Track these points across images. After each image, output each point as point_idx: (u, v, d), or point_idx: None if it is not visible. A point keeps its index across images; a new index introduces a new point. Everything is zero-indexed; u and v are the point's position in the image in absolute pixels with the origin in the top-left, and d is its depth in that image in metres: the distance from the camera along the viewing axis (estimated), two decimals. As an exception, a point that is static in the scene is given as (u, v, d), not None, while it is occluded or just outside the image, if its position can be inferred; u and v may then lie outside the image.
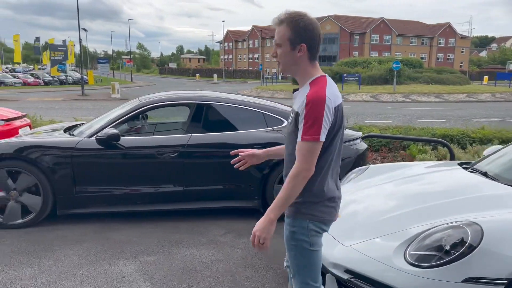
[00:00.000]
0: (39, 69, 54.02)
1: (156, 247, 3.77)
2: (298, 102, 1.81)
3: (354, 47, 67.61)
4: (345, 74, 30.84)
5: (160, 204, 4.37)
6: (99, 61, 37.77)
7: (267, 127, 4.55)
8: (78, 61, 55.11)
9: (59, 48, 35.69)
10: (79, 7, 26.19)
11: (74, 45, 43.23)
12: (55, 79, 37.96)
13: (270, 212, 1.77)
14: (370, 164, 5.05)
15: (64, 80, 38.43)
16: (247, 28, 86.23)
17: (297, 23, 1.78)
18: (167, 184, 4.33)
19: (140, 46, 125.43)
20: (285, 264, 2.07)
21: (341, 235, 2.52)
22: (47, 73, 41.01)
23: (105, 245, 3.77)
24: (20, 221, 4.15)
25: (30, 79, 37.05)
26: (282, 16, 1.81)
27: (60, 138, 4.35)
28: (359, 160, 4.70)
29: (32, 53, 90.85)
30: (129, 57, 74.77)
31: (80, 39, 29.72)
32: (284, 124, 4.59)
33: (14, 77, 36.88)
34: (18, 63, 58.78)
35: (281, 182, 4.47)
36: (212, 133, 4.44)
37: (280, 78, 51.06)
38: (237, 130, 4.49)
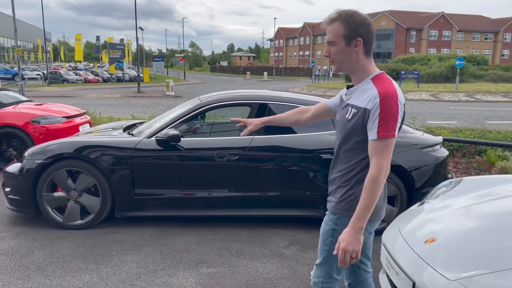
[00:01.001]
0: (99, 67, 56.67)
1: (216, 257, 3.52)
2: (362, 98, 1.77)
3: (410, 44, 64.72)
4: (403, 72, 29.39)
5: (219, 210, 4.13)
6: (154, 59, 38.75)
7: (334, 130, 4.15)
8: (134, 59, 57.21)
9: (117, 46, 37.12)
10: (136, 7, 26.94)
11: (131, 43, 44.83)
12: (113, 76, 39.52)
13: (356, 222, 1.70)
14: (451, 173, 4.51)
15: (121, 78, 39.89)
16: (298, 25, 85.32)
17: (351, 19, 1.76)
18: (227, 188, 4.07)
19: (192, 45, 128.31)
20: (347, 282, 2.06)
21: (441, 264, 2.08)
22: (105, 70, 42.84)
23: (163, 253, 3.58)
24: (79, 222, 4.07)
25: (90, 77, 38.81)
26: (334, 15, 1.80)
27: (120, 138, 4.22)
28: (439, 169, 4.18)
29: (92, 52, 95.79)
30: (182, 55, 76.59)
31: (137, 37, 30.63)
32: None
33: (76, 74, 38.81)
34: (80, 61, 62.09)
35: (350, 190, 4.10)
36: (275, 135, 4.12)
37: (331, 75, 49.85)
38: (302, 132, 4.13)
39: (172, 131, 3.96)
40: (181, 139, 3.99)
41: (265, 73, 57.19)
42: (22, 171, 4.03)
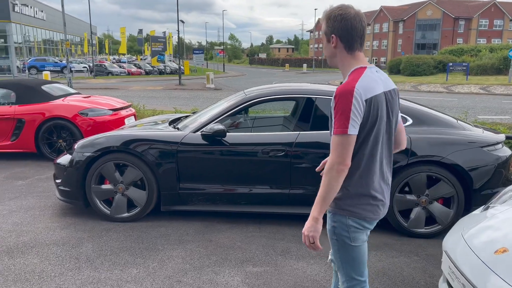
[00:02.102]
0: (141, 59, 58.16)
1: (262, 255, 3.44)
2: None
3: (458, 34, 61.68)
4: (450, 63, 28.05)
5: (264, 206, 4.04)
6: (194, 51, 39.21)
7: (387, 126, 3.94)
8: (175, 51, 58.22)
9: (159, 39, 37.81)
10: (178, 0, 27.28)
11: (172, 36, 45.57)
12: (154, 69, 40.39)
13: (313, 211, 1.75)
14: (514, 174, 4.18)
15: (163, 70, 40.71)
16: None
17: (328, 16, 1.80)
18: (272, 185, 3.97)
19: (232, 37, 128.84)
20: (329, 257, 2.02)
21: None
22: (147, 63, 43.85)
23: (209, 249, 3.54)
24: (125, 214, 4.12)
25: (133, 69, 39.89)
26: (324, 11, 1.85)
27: (166, 132, 4.22)
28: (501, 170, 3.87)
29: (135, 45, 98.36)
30: (221, 47, 77.08)
31: (178, 31, 31.05)
32: (408, 123, 3.95)
33: (120, 67, 40.01)
34: (123, 54, 63.94)
35: (402, 191, 3.89)
36: (322, 131, 3.97)
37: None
38: (352, 128, 3.95)
39: (218, 126, 3.90)
40: (226, 133, 3.92)
41: (305, 65, 56.46)
42: (72, 163, 4.12)
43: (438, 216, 3.82)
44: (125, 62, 49.95)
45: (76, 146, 4.22)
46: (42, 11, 45.87)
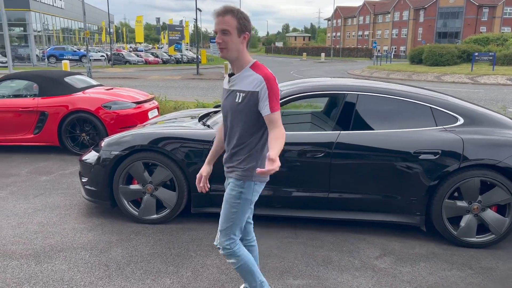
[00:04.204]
0: (158, 48, 58.07)
1: (302, 266, 3.20)
2: (247, 83, 2.10)
3: (481, 22, 59.74)
4: (476, 53, 27.11)
5: (301, 211, 3.79)
6: (211, 40, 38.83)
7: (436, 126, 3.63)
8: (191, 40, 57.92)
9: (176, 28, 37.56)
10: (196, -13, 26.89)
11: (189, 25, 45.22)
12: (171, 58, 40.25)
13: (275, 155, 1.92)
14: None
15: (180, 59, 40.53)
16: (358, 3, 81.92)
17: (241, 15, 2.06)
18: (310, 188, 3.72)
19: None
20: (217, 243, 2.32)
21: None
22: (164, 52, 43.73)
23: (244, 257, 3.32)
24: (154, 216, 3.93)
25: (151, 58, 39.80)
26: (228, 8, 2.07)
27: (197, 129, 3.98)
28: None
29: (151, 33, 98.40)
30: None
31: (196, 19, 30.75)
32: (459, 123, 3.63)
33: (137, 56, 39.97)
34: (140, 43, 63.96)
35: (452, 196, 3.59)
36: (365, 131, 3.68)
37: (391, 56, 47.33)
38: (396, 128, 3.66)
39: (253, 125, 3.64)
40: (262, 133, 3.67)
41: (323, 54, 55.56)
42: (98, 161, 3.94)
43: (492, 225, 3.52)
44: (142, 51, 49.91)
45: (103, 143, 4.04)
46: (60, 0, 46.02)
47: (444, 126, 3.63)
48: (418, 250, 3.48)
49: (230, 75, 2.19)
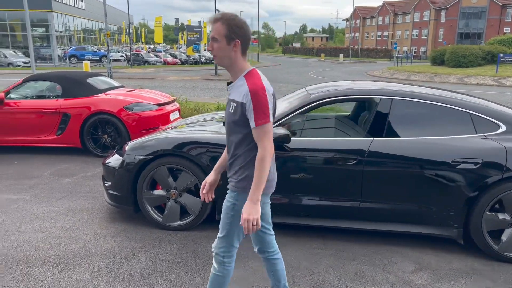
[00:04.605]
0: (177, 49, 58.46)
1: (333, 279, 3.04)
2: (238, 93, 2.04)
3: (505, 23, 58.21)
4: (501, 54, 26.35)
5: (331, 220, 3.63)
6: (229, 41, 38.82)
7: (476, 133, 3.43)
8: (209, 41, 57.98)
9: (194, 29, 37.63)
10: (215, -12, 26.89)
11: (207, 26, 45.30)
12: (190, 58, 40.34)
13: (253, 195, 2.00)
14: None
15: (198, 60, 40.62)
16: (377, 4, 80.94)
17: (232, 22, 2.01)
18: (340, 197, 3.56)
19: (265, 26, 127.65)
20: (255, 248, 2.39)
21: None
22: (183, 52, 43.91)
23: (272, 268, 3.18)
24: (178, 223, 3.82)
25: (169, 59, 39.98)
26: (218, 15, 2.04)
27: (222, 134, 3.86)
28: None
29: (169, 34, 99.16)
30: (254, 36, 76.38)
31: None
32: (500, 130, 3.42)
33: (156, 56, 40.24)
34: (159, 43, 64.48)
35: (493, 208, 3.38)
36: (399, 138, 3.50)
37: (411, 57, 46.45)
38: (433, 135, 3.47)
39: (281, 131, 3.49)
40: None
41: (341, 54, 55.05)
42: (122, 165, 3.85)
43: None
44: (160, 51, 50.27)
45: (126, 147, 3.95)
46: (81, 1, 46.76)
47: (484, 134, 3.42)
48: (456, 265, 3.28)
49: (229, 83, 2.16)
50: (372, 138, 3.51)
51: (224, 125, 4.31)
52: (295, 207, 3.64)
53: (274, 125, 3.64)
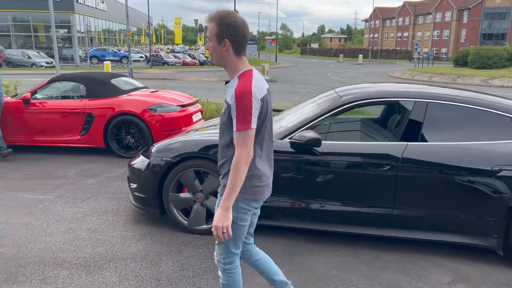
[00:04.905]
0: (196, 50, 58.81)
1: (366, 290, 2.93)
2: (229, 94, 2.00)
3: (530, 23, 56.66)
4: (527, 56, 25.60)
5: (361, 227, 3.51)
6: (248, 42, 38.87)
7: (517, 139, 3.26)
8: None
9: (213, 30, 37.76)
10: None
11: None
12: (208, 59, 40.47)
13: (224, 203, 1.96)
14: None
15: (216, 61, 40.74)
16: (397, 4, 79.88)
17: (221, 21, 1.96)
18: (372, 203, 3.43)
19: (283, 27, 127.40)
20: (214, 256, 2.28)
21: None
22: (201, 53, 44.15)
23: (302, 276, 3.08)
24: (204, 226, 3.76)
25: (188, 59, 40.22)
26: (212, 14, 2.01)
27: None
28: None
29: (188, 34, 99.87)
30: (272, 37, 76.27)
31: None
32: (545, 136, 3.24)
33: (175, 57, 40.53)
34: (178, 44, 65.02)
35: (536, 218, 3.20)
36: (435, 142, 3.36)
37: (433, 58, 45.55)
38: (471, 140, 3.31)
39: (312, 134, 3.39)
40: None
41: (360, 55, 54.46)
42: (148, 168, 3.81)
43: None
44: (179, 52, 50.64)
45: (153, 149, 3.91)
46: (103, 2, 47.49)
47: (527, 139, 3.25)
48: (496, 277, 3.12)
49: (227, 82, 2.13)
50: (406, 143, 3.37)
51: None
52: (323, 213, 3.53)
53: (303, 128, 3.55)
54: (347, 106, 3.57)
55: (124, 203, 4.49)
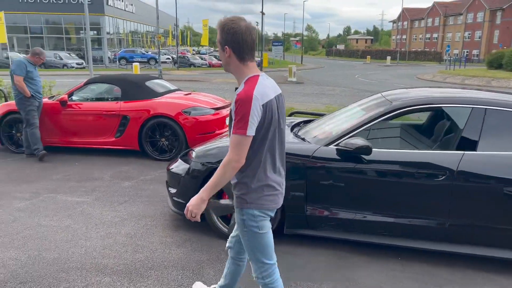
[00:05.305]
0: (221, 51, 59.05)
1: (421, 309, 2.74)
2: (234, 100, 1.97)
3: None
4: None
5: (411, 241, 3.32)
6: (274, 43, 38.86)
7: None
8: (253, 43, 58.15)
9: (239, 31, 37.85)
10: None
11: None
12: (234, 61, 40.62)
13: (202, 192, 2.03)
14: None
15: (242, 62, 40.80)
16: (426, 5, 78.16)
17: (223, 28, 1.98)
18: (424, 215, 3.24)
19: (309, 28, 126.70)
20: (227, 245, 2.43)
21: None
22: (227, 55, 44.23)
23: (350, 292, 2.93)
24: (245, 235, 3.64)
25: (214, 61, 40.42)
26: (219, 21, 2.01)
27: (294, 143, 3.65)
28: None
29: (213, 36, 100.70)
30: (297, 38, 75.90)
31: (257, 22, 30.77)
32: None
33: (202, 58, 40.82)
34: (203, 46, 65.48)
35: None
36: (495, 152, 3.14)
37: (465, 60, 44.19)
38: (536, 150, 3.08)
39: (361, 141, 3.23)
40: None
41: (388, 57, 53.49)
42: (189, 173, 3.74)
43: None
44: (205, 54, 51.03)
45: (193, 154, 3.84)
46: (131, 5, 48.37)
47: None
48: (562, 299, 2.88)
49: (236, 89, 2.11)
50: (462, 152, 3.17)
51: (291, 130, 4.13)
52: (371, 225, 3.36)
53: (350, 135, 3.40)
54: (398, 111, 3.39)
55: (162, 208, 4.43)
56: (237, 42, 1.96)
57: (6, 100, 9.53)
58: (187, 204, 2.06)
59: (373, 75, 32.05)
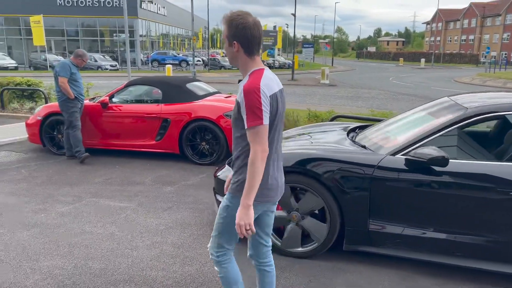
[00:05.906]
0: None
1: None
2: (239, 91, 1.98)
3: None
4: None
5: (491, 263, 2.97)
6: (304, 45, 38.32)
7: None
8: (282, 45, 57.93)
9: (270, 34, 37.65)
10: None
11: (282, 30, 45.18)
12: (264, 63, 40.15)
13: (244, 200, 1.93)
14: None
15: (272, 64, 40.58)
16: (462, 5, 75.74)
17: (230, 23, 1.98)
18: (508, 236, 2.89)
19: (339, 30, 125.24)
20: (248, 252, 2.34)
21: None
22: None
23: (425, 320, 2.61)
24: (299, 249, 3.39)
25: (244, 63, 40.39)
26: (224, 16, 2.01)
27: (355, 151, 3.36)
28: None
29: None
30: (326, 41, 75.11)
31: (286, 24, 30.46)
32: None
33: (231, 61, 40.80)
34: (233, 48, 65.61)
35: None
36: None
37: (505, 63, 42.32)
38: None
39: (435, 152, 2.90)
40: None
41: (423, 59, 52.01)
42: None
43: None
44: (234, 56, 51.00)
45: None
46: (164, 7, 49.06)
47: None
48: None
49: (239, 81, 2.13)
50: (549, 165, 2.80)
51: (347, 135, 3.85)
52: (444, 244, 3.03)
53: (421, 143, 3.09)
54: (475, 118, 3.05)
55: (207, 216, 4.23)
56: (246, 37, 1.98)
57: (46, 102, 9.66)
58: (236, 222, 1.96)
59: (407, 77, 31.14)
